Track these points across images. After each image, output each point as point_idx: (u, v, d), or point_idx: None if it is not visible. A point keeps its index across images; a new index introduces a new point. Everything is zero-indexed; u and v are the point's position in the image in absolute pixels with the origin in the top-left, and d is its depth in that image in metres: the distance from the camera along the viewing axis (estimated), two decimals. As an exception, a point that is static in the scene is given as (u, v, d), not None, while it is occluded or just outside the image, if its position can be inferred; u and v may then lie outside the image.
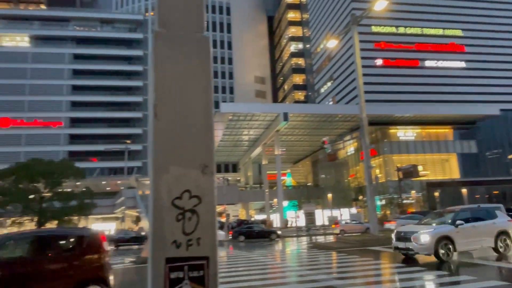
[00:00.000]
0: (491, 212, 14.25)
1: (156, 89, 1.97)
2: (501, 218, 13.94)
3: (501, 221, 13.80)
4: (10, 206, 39.22)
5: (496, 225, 13.48)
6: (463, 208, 14.87)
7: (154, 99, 1.96)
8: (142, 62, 72.62)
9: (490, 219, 13.74)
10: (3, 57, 66.67)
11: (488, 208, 15.32)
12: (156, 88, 1.98)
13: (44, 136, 64.79)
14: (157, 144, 1.91)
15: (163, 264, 1.77)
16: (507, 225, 13.72)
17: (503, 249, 13.26)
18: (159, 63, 2.01)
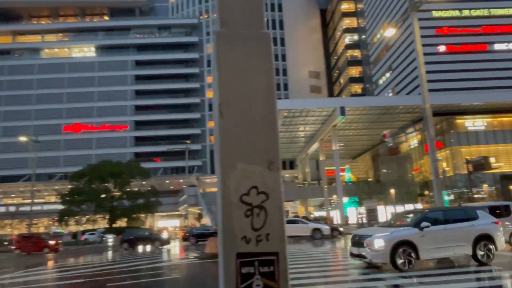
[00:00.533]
0: (470, 212, 11.96)
1: (220, 89, 2.01)
2: (483, 219, 11.59)
3: (483, 223, 11.40)
4: (85, 205, 42.43)
5: (475, 228, 11.19)
6: (433, 208, 13.27)
7: (219, 99, 2.00)
8: (198, 64, 74.93)
9: (469, 220, 11.43)
10: (74, 67, 72.23)
11: (468, 207, 13.18)
12: (220, 87, 2.01)
13: (112, 139, 69.26)
14: (224, 142, 1.95)
15: (234, 259, 1.81)
16: (490, 227, 11.31)
17: (484, 257, 10.89)
18: (221, 62, 2.05)
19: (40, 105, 69.72)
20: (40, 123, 68.08)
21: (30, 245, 28.80)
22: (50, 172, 65.69)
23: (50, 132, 66.67)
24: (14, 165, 66.36)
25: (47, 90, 70.47)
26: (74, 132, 69.32)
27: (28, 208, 44.36)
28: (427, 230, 10.63)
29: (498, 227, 11.55)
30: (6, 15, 78.11)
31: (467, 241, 10.93)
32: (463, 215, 11.79)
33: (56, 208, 47.84)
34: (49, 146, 63.62)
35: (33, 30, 76.75)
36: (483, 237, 11.07)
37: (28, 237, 30.69)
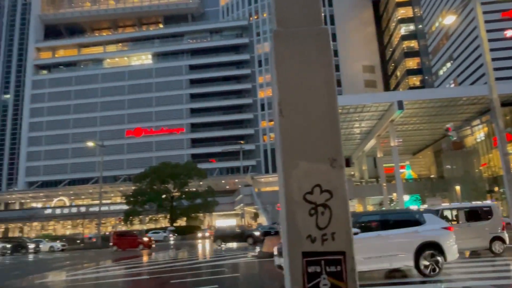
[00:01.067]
0: (417, 216, 10.29)
1: (279, 88, 2.01)
2: (431, 225, 9.78)
3: (429, 228, 9.63)
4: (147, 205, 44.55)
5: (420, 235, 9.46)
6: (368, 212, 11.41)
7: (278, 97, 1.99)
8: (250, 65, 75.74)
9: (413, 225, 9.73)
10: (133, 75, 76.21)
11: (414, 210, 11.51)
12: (279, 86, 2.01)
13: (170, 141, 72.14)
14: (285, 140, 1.94)
15: (300, 258, 1.79)
16: (438, 234, 9.52)
17: (429, 269, 9.19)
18: (280, 61, 2.05)
19: (104, 112, 74.40)
20: (105, 129, 72.68)
21: (126, 242, 30.48)
22: (115, 175, 69.96)
23: (114, 137, 70.96)
24: (84, 169, 71.48)
25: (110, 97, 75.03)
26: (136, 136, 73.11)
27: (97, 208, 47.46)
28: (357, 237, 8.86)
29: (448, 233, 9.75)
30: (72, 30, 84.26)
31: (408, 251, 9.21)
32: (407, 219, 10.14)
33: (122, 208, 50.79)
34: (113, 150, 67.73)
35: (96, 42, 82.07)
36: (428, 245, 9.31)
37: (124, 235, 32.65)
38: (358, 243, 8.04)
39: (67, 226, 67.21)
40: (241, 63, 76.21)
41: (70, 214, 64.81)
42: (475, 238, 12.99)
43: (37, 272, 17.02)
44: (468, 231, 12.99)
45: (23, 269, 19.79)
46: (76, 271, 16.29)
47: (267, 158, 70.80)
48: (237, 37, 78.04)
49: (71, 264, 20.46)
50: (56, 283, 13.78)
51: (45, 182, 73.15)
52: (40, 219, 65.01)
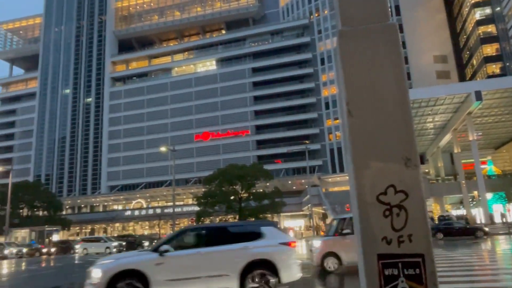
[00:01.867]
0: (253, 229, 8.89)
1: (346, 87, 1.99)
2: (266, 240, 8.32)
3: (262, 244, 8.20)
4: (217, 206, 45.93)
5: (249, 252, 8.06)
6: (193, 226, 9.73)
7: (346, 97, 1.97)
8: (312, 64, 74.97)
9: (246, 240, 8.30)
10: (199, 81, 79.29)
11: (250, 223, 9.91)
12: (347, 85, 1.99)
13: (236, 144, 73.83)
14: (354, 141, 1.91)
15: (375, 261, 1.76)
16: (272, 251, 8.14)
17: None
18: (346, 60, 2.02)
19: (174, 118, 78.29)
20: (175, 134, 76.44)
21: None
22: (186, 177, 73.28)
23: (184, 141, 74.38)
24: (158, 173, 75.82)
25: (179, 104, 78.78)
26: (204, 140, 75.93)
27: (171, 210, 50.05)
28: (169, 256, 7.96)
29: (287, 250, 8.42)
30: (142, 43, 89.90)
31: (233, 270, 7.88)
32: (241, 233, 8.82)
33: (194, 210, 52.99)
34: (184, 154, 70.99)
35: (164, 52, 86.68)
36: (258, 264, 7.94)
37: None
38: (169, 262, 7.75)
39: (145, 227, 71.75)
40: (303, 62, 75.75)
41: (147, 215, 69.13)
42: None
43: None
44: None
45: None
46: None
47: (333, 158, 69.49)
48: (298, 36, 77.71)
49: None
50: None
51: (125, 185, 78.82)
52: (121, 220, 70.19)
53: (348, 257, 11.92)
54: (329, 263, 12.00)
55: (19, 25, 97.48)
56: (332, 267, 11.97)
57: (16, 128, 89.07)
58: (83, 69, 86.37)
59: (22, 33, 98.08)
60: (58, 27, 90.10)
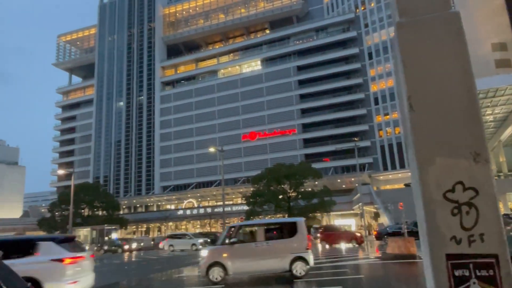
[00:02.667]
0: (25, 245, 7.67)
1: (407, 81, 1.92)
2: (37, 257, 7.25)
3: (30, 261, 7.13)
4: (266, 205, 46.15)
5: (16, 269, 5.40)
6: None
7: (407, 91, 1.91)
8: (359, 59, 73.09)
9: (20, 255, 7.22)
10: (245, 82, 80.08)
11: (26, 237, 8.19)
12: (407, 79, 1.92)
13: (283, 143, 73.72)
14: (417, 136, 1.84)
15: (444, 261, 1.68)
16: (37, 269, 7.33)
17: None
18: (405, 53, 1.96)
19: (222, 119, 79.69)
20: (223, 135, 77.81)
21: (333, 237, 30.36)
22: (235, 177, 74.33)
23: (231, 141, 75.51)
24: (207, 173, 77.61)
25: (226, 105, 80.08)
26: (251, 139, 76.59)
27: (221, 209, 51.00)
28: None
29: (55, 267, 7.68)
30: (189, 47, 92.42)
31: None
32: (14, 248, 7.63)
33: (243, 209, 53.69)
34: (232, 154, 72.08)
35: (210, 55, 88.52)
36: (28, 281, 6.05)
37: (332, 230, 32.55)
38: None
39: (197, 226, 73.68)
40: (350, 58, 74.06)
41: (198, 215, 70.96)
42: (274, 259, 11.22)
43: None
44: (266, 251, 11.35)
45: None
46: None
47: (384, 155, 67.26)
48: (344, 31, 76.07)
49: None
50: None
51: (176, 186, 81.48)
52: (174, 219, 72.61)
53: (234, 267, 11.35)
54: (214, 274, 11.39)
55: (76, 36, 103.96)
56: (217, 278, 11.35)
57: (76, 133, 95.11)
58: (135, 75, 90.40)
59: (79, 44, 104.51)
60: (111, 36, 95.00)
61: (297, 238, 11.68)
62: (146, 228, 77.84)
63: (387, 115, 68.05)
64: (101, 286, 12.97)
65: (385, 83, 69.31)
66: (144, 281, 14.27)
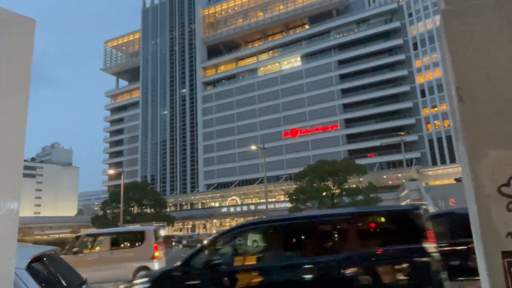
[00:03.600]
0: None
1: (455, 71, 1.83)
2: None
3: None
4: (309, 202, 45.79)
5: None
6: None
7: (455, 82, 1.82)
8: (403, 50, 70.50)
9: None
10: (285, 78, 79.80)
11: None
12: (456, 70, 1.83)
13: (325, 139, 72.74)
14: (468, 128, 1.76)
15: (499, 259, 1.59)
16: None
17: None
18: (453, 42, 1.86)
19: (262, 117, 80.00)
20: (264, 133, 78.09)
21: None
22: (277, 175, 74.43)
23: (273, 139, 75.62)
24: (250, 171, 78.28)
25: (266, 103, 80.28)
26: (292, 136, 76.28)
27: (264, 206, 51.32)
28: None
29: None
30: (229, 46, 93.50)
31: None
32: None
33: (286, 206, 53.66)
34: (273, 151, 72.20)
35: (250, 54, 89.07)
36: None
37: None
38: None
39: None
40: (393, 49, 71.59)
41: (241, 212, 71.83)
42: (117, 269, 10.74)
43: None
44: (110, 260, 10.93)
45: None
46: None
47: (433, 149, 64.46)
48: (387, 22, 73.66)
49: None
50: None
51: (220, 183, 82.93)
52: (218, 216, 74.00)
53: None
54: None
55: (121, 41, 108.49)
56: None
57: (124, 135, 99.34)
58: (177, 76, 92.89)
59: (124, 49, 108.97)
60: (154, 40, 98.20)
61: (143, 247, 11.39)
62: (192, 225, 79.88)
63: (435, 108, 65.16)
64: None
65: (432, 74, 66.37)
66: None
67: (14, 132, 1.40)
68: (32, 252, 4.10)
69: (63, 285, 4.30)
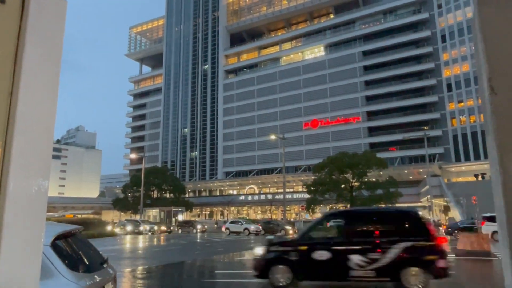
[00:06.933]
0: None
1: (488, 61, 1.77)
2: None
3: None
4: (327, 194, 45.56)
5: None
6: None
7: (488, 73, 1.76)
8: (431, 42, 68.56)
9: None
10: (307, 69, 78.99)
11: None
12: (489, 60, 1.77)
13: (346, 131, 71.96)
14: (499, 121, 1.70)
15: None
16: None
17: None
18: (487, 31, 1.80)
19: (283, 107, 79.65)
20: (285, 122, 77.82)
21: None
22: (296, 165, 74.29)
23: (293, 129, 75.30)
24: (268, 160, 78.38)
25: (287, 93, 79.80)
26: (313, 127, 75.78)
27: (282, 196, 51.43)
28: None
29: None
30: (252, 35, 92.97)
31: None
32: None
33: (303, 197, 53.56)
34: (293, 142, 71.96)
35: (273, 42, 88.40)
36: None
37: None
38: None
39: (258, 212, 75.08)
40: (420, 41, 69.72)
41: (259, 201, 72.20)
42: None
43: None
44: None
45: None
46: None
47: (457, 145, 62.89)
48: (414, 13, 71.64)
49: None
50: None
51: (238, 172, 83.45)
52: (236, 204, 74.62)
53: None
54: None
55: (146, 27, 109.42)
56: None
57: (147, 120, 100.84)
58: (200, 63, 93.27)
59: (149, 35, 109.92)
60: (177, 27, 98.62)
61: None
62: (210, 212, 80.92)
63: (461, 103, 63.39)
64: (169, 263, 13.78)
65: (460, 68, 64.42)
66: (207, 262, 14.89)
67: (46, 113, 1.44)
68: (57, 230, 4.24)
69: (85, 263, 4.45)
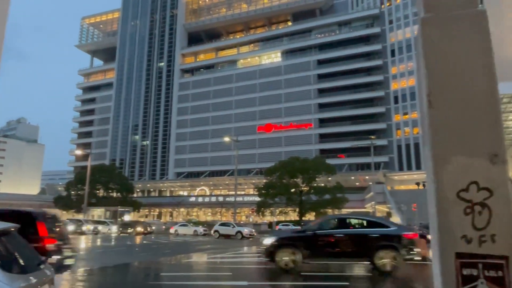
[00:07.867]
0: None
1: (428, 77, 1.91)
2: None
3: None
4: (277, 198, 46.20)
5: None
6: None
7: (427, 88, 1.89)
8: (381, 55, 71.96)
9: None
10: (263, 73, 79.85)
11: None
12: (429, 76, 1.91)
13: (299, 137, 73.51)
14: (435, 134, 1.84)
15: (452, 259, 1.69)
16: None
17: None
18: (428, 49, 1.94)
19: (238, 109, 79.83)
20: (239, 125, 78.01)
21: None
22: (248, 168, 74.61)
23: (247, 132, 75.66)
24: (221, 162, 78.10)
25: (243, 96, 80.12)
26: (266, 131, 76.61)
27: (233, 198, 51.38)
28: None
29: None
30: (210, 35, 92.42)
31: None
32: None
33: (254, 200, 53.92)
34: (246, 144, 72.26)
35: (231, 45, 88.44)
36: None
37: None
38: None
39: (208, 213, 74.45)
40: (372, 54, 72.99)
41: (210, 203, 71.64)
42: None
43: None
44: None
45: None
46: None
47: (401, 155, 66.45)
48: (368, 27, 74.92)
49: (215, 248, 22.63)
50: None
51: (190, 173, 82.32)
52: (186, 205, 73.52)
53: None
54: None
55: (99, 19, 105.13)
56: None
57: (95, 115, 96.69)
58: (155, 60, 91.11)
59: (102, 27, 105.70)
60: (134, 21, 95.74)
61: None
62: (159, 213, 79.03)
63: (406, 115, 67.07)
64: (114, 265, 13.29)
65: (407, 82, 68.18)
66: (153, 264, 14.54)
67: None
68: (-11, 227, 3.94)
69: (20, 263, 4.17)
